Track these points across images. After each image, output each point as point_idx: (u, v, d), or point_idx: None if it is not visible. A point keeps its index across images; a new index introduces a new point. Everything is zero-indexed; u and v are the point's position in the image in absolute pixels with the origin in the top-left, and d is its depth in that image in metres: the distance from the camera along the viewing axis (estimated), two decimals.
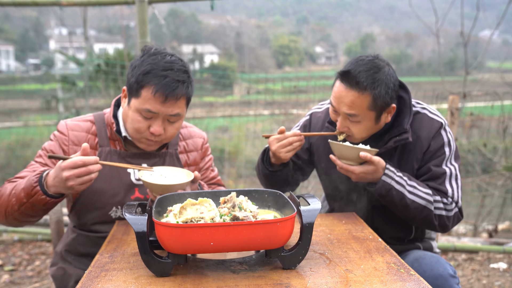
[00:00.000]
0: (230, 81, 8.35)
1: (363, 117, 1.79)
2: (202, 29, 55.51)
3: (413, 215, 1.82)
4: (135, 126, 1.72)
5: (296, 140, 1.87)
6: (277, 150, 1.86)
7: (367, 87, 1.74)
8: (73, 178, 1.50)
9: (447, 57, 32.54)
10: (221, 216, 1.34)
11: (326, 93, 5.61)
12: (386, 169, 1.79)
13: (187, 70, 1.72)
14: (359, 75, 1.74)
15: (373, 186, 1.83)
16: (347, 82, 1.77)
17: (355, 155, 1.77)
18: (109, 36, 40.84)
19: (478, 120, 5.32)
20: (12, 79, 21.07)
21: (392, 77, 1.80)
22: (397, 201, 1.79)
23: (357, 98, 1.75)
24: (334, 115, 1.89)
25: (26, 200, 1.58)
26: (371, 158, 1.75)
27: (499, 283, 3.47)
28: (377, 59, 1.80)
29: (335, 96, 1.81)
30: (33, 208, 1.60)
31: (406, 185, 1.79)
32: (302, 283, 1.23)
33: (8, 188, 1.67)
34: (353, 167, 1.78)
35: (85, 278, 1.28)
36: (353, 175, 1.80)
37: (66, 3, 3.34)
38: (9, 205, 1.63)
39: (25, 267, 3.80)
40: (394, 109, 1.84)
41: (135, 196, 1.84)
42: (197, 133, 2.04)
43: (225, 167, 6.04)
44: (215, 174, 2.08)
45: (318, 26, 67.75)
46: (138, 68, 1.68)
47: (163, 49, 1.74)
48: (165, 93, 1.64)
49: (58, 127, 1.84)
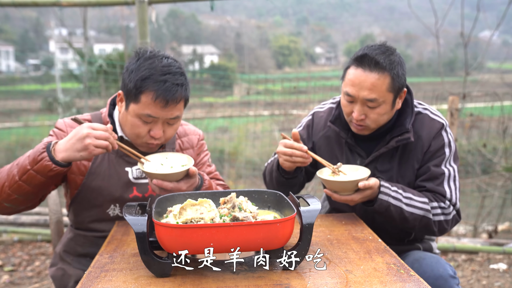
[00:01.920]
0: (230, 81, 8.35)
1: (382, 101, 1.78)
2: (202, 30, 55.51)
3: (412, 226, 1.82)
4: (135, 131, 1.72)
5: (298, 156, 1.78)
6: (279, 154, 1.84)
7: (386, 67, 1.75)
8: (92, 137, 1.53)
9: (447, 57, 32.53)
10: (221, 216, 1.34)
11: (326, 94, 5.61)
12: (381, 186, 1.77)
13: (183, 72, 1.72)
14: (377, 56, 1.76)
15: (371, 205, 1.81)
16: (365, 65, 1.76)
17: (351, 186, 1.72)
18: (109, 36, 40.83)
19: (478, 121, 5.32)
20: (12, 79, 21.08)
21: (403, 60, 1.84)
22: (396, 216, 1.79)
23: (377, 79, 1.75)
24: (349, 107, 1.84)
25: (30, 167, 1.56)
26: (369, 185, 1.72)
27: (499, 283, 3.47)
28: (386, 44, 1.84)
29: (353, 83, 1.78)
30: (34, 179, 1.57)
31: (403, 198, 1.78)
32: (302, 284, 1.23)
33: (7, 166, 1.66)
34: (352, 196, 1.75)
35: (85, 278, 1.28)
36: (352, 203, 1.78)
37: (66, 3, 3.34)
38: (8, 178, 1.59)
39: (25, 267, 3.80)
40: (405, 93, 1.87)
41: (133, 194, 1.84)
42: (192, 130, 2.04)
43: (225, 168, 6.04)
44: (212, 169, 2.07)
45: (318, 27, 67.77)
46: (135, 73, 1.67)
47: (158, 52, 1.74)
48: (166, 98, 1.64)
49: (57, 124, 1.84)
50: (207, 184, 1.82)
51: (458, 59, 28.04)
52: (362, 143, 1.96)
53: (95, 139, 1.53)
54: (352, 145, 1.96)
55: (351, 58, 1.84)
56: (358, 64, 1.79)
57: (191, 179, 1.69)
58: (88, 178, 1.80)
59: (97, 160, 1.81)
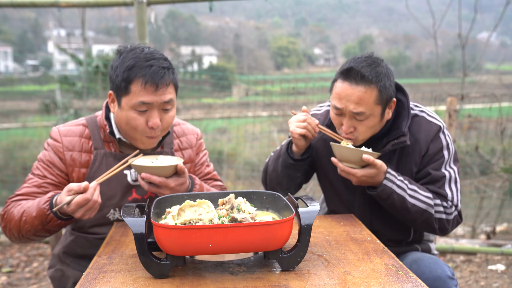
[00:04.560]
0: (229, 82, 8.34)
1: (370, 113, 1.77)
2: (201, 31, 55.49)
3: (413, 218, 1.82)
4: (133, 124, 1.71)
5: (311, 121, 1.86)
6: (291, 122, 1.88)
7: (372, 80, 1.75)
8: (79, 210, 1.54)
9: (445, 59, 32.60)
10: (220, 217, 1.34)
11: (324, 95, 5.60)
12: (388, 173, 1.78)
13: (166, 58, 1.75)
14: (363, 69, 1.75)
15: (374, 190, 1.82)
16: (351, 79, 1.76)
17: (358, 157, 1.75)
18: (107, 37, 40.78)
19: (476, 122, 5.33)
20: (11, 80, 21.06)
21: (390, 71, 1.83)
22: (398, 204, 1.79)
23: (364, 93, 1.74)
24: (338, 119, 1.85)
25: (42, 227, 1.64)
26: (373, 161, 1.74)
27: (497, 284, 3.48)
28: (372, 56, 1.83)
29: (340, 96, 1.79)
30: (49, 231, 1.67)
31: (407, 189, 1.79)
32: (301, 285, 1.23)
33: (15, 213, 1.69)
34: (355, 170, 1.77)
35: (83, 279, 1.28)
36: (354, 178, 1.79)
37: (64, 4, 3.34)
38: (22, 229, 1.67)
39: (23, 268, 3.79)
40: (394, 103, 1.86)
41: (133, 197, 1.83)
42: (190, 129, 2.04)
43: (223, 169, 6.03)
44: (211, 169, 2.07)
45: (317, 28, 67.79)
46: (120, 67, 1.68)
47: (139, 45, 1.76)
48: (155, 81, 1.65)
49: (51, 134, 1.84)
50: (198, 188, 1.82)
51: (456, 61, 28.11)
52: (358, 147, 1.97)
53: (81, 209, 1.53)
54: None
55: (337, 72, 1.84)
56: (344, 78, 1.78)
57: (180, 178, 1.70)
58: None
59: (95, 165, 1.81)
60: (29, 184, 1.76)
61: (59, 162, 1.79)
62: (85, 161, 1.80)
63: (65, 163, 1.79)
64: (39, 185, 1.76)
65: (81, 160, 1.80)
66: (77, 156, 1.79)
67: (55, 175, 1.78)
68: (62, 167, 1.79)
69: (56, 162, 1.79)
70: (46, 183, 1.77)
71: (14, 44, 40.11)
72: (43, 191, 1.75)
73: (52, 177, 1.78)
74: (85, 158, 1.80)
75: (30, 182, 1.77)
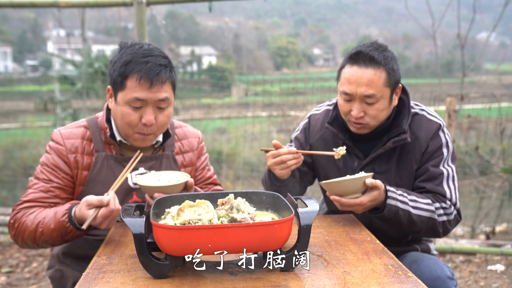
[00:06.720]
0: (228, 82, 8.34)
1: (380, 96, 1.78)
2: (200, 31, 55.48)
3: (419, 229, 1.80)
4: (126, 120, 1.70)
5: (291, 159, 1.77)
6: (272, 167, 1.81)
7: (381, 62, 1.77)
8: (104, 222, 1.56)
9: (445, 59, 32.61)
10: (219, 218, 1.33)
11: (324, 95, 5.61)
12: (388, 191, 1.73)
13: (166, 56, 1.74)
14: (372, 52, 1.77)
15: (378, 212, 1.77)
16: (361, 62, 1.78)
17: (359, 185, 1.67)
18: (107, 37, 40.75)
19: (476, 122, 5.33)
20: (10, 80, 21.04)
21: (396, 56, 1.85)
22: (404, 220, 1.76)
23: (373, 75, 1.76)
24: (347, 106, 1.84)
25: (61, 238, 1.65)
26: (376, 183, 1.68)
27: (497, 285, 3.48)
28: (378, 42, 1.86)
29: (350, 81, 1.79)
30: (67, 241, 1.69)
31: (409, 201, 1.76)
32: (300, 285, 1.23)
33: (27, 223, 1.67)
34: (361, 198, 1.69)
35: (82, 280, 1.28)
36: (360, 207, 1.71)
37: (64, 4, 3.34)
38: (38, 240, 1.67)
39: (22, 269, 3.78)
40: (400, 89, 1.88)
41: (133, 200, 1.84)
42: (192, 132, 2.03)
43: (223, 169, 6.04)
44: (211, 174, 2.07)
45: (316, 28, 67.81)
46: (118, 62, 1.69)
47: (139, 42, 1.76)
48: (150, 78, 1.65)
49: (53, 136, 1.83)
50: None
51: (456, 61, 28.13)
52: (359, 145, 1.97)
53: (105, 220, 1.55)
54: (350, 147, 1.96)
55: (345, 58, 1.85)
56: (353, 62, 1.80)
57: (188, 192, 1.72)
58: (87, 186, 1.80)
59: (96, 168, 1.80)
60: (35, 189, 1.75)
61: (64, 165, 1.78)
62: (87, 164, 1.80)
63: (70, 165, 1.78)
64: (46, 189, 1.74)
65: (83, 162, 1.79)
66: (80, 158, 1.79)
67: (61, 178, 1.77)
68: (67, 170, 1.78)
69: (61, 165, 1.78)
70: (53, 187, 1.75)
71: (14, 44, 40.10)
72: (50, 196, 1.74)
73: (58, 181, 1.77)
74: (87, 161, 1.80)
75: (36, 187, 1.75)
